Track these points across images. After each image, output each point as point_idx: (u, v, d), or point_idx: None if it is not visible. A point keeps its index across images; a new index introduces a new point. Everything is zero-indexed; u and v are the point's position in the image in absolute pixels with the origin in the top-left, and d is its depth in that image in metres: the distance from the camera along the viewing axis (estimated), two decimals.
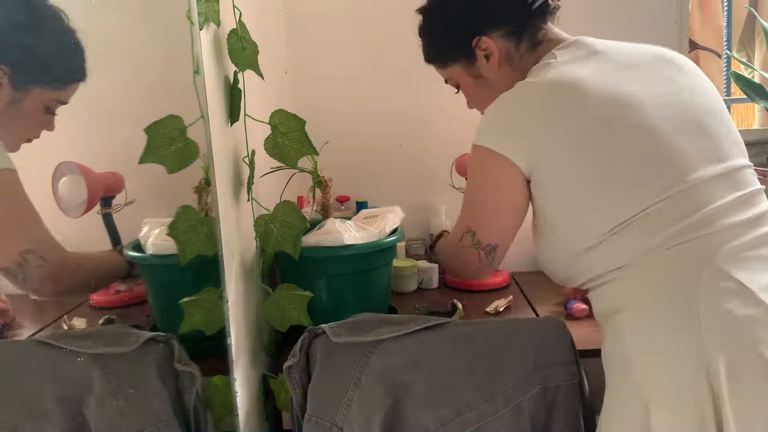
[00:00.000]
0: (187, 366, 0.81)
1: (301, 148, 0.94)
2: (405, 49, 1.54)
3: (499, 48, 0.92)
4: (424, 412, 0.81)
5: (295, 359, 0.85)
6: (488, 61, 0.93)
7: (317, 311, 1.00)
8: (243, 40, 0.88)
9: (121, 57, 0.87)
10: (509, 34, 0.91)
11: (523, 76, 0.87)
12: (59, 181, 0.85)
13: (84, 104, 0.86)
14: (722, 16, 2.59)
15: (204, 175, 0.85)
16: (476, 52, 0.93)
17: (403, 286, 1.38)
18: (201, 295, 0.84)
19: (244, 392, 0.89)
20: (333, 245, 1.01)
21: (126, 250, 0.90)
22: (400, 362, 0.82)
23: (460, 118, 1.55)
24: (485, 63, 0.93)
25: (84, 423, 0.78)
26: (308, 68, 1.54)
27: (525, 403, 0.82)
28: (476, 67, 0.94)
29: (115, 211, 0.89)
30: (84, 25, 0.82)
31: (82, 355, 0.78)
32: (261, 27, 1.17)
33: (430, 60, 1.02)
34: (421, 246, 1.56)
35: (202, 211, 0.84)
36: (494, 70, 0.93)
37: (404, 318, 0.86)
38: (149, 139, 0.77)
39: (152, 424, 0.79)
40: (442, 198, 1.55)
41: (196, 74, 0.77)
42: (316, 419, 0.84)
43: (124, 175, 0.90)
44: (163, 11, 0.85)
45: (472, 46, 0.93)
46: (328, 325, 0.85)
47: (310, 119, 0.95)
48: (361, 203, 1.53)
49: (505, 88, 0.85)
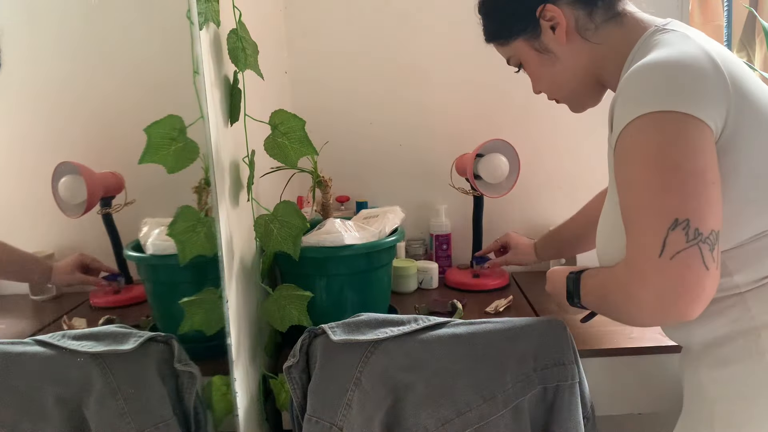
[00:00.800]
0: (187, 366, 0.81)
1: (301, 148, 0.94)
2: (405, 48, 1.55)
3: (567, 18, 0.83)
4: (424, 412, 0.81)
5: (295, 359, 0.85)
6: (554, 32, 0.84)
7: (317, 311, 1.00)
8: (243, 40, 0.88)
9: (121, 57, 0.87)
10: (578, 1, 0.82)
11: (612, 52, 0.80)
12: (59, 181, 0.85)
13: (84, 104, 0.86)
14: (722, 16, 2.59)
15: (204, 175, 0.85)
16: (541, 23, 0.84)
17: (403, 286, 1.38)
18: (201, 295, 0.84)
19: (244, 392, 0.89)
20: (333, 245, 1.01)
21: (126, 251, 0.90)
22: (400, 362, 0.82)
23: (460, 118, 1.56)
24: (551, 35, 0.84)
25: (84, 423, 0.78)
26: (308, 68, 1.54)
27: (525, 403, 0.82)
28: (541, 40, 0.86)
29: (115, 211, 0.89)
30: (84, 25, 0.82)
31: (82, 355, 0.78)
32: (261, 27, 1.17)
33: (490, 38, 0.95)
34: (421, 246, 1.56)
35: (202, 211, 0.84)
36: (562, 42, 0.84)
37: (404, 318, 0.86)
38: (149, 139, 0.77)
39: (152, 424, 0.79)
40: (442, 198, 1.55)
41: (196, 74, 0.77)
42: (316, 419, 0.84)
43: (124, 175, 0.90)
44: (163, 11, 0.85)
45: (536, 16, 0.84)
46: (328, 325, 0.85)
47: (310, 119, 0.95)
48: (361, 203, 1.53)
49: (575, 64, 0.78)
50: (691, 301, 0.62)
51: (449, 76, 1.54)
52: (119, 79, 0.87)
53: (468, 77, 1.53)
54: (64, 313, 0.89)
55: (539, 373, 0.82)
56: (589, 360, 0.94)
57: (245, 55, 0.88)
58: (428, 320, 0.85)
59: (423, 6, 1.51)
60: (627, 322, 0.74)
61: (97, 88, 0.86)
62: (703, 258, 0.62)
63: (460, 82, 1.54)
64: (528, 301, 1.31)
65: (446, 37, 1.52)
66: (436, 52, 1.53)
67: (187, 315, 0.84)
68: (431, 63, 1.53)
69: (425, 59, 1.53)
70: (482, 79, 1.53)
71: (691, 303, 0.62)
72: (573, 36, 0.84)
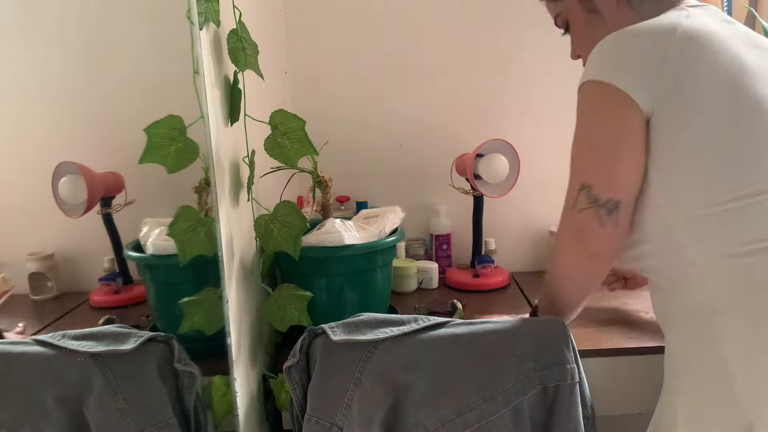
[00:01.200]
0: (187, 366, 0.81)
1: (301, 148, 0.94)
2: (405, 48, 1.55)
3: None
4: (424, 412, 0.81)
5: (295, 359, 0.85)
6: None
7: (317, 311, 1.00)
8: (243, 40, 0.88)
9: (121, 57, 0.87)
10: None
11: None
12: (59, 181, 0.85)
13: (84, 104, 0.86)
14: None
15: (204, 175, 0.85)
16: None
17: (403, 286, 1.39)
18: (201, 295, 0.84)
19: (244, 392, 0.89)
20: (333, 245, 1.01)
21: (126, 251, 0.90)
22: (400, 362, 0.82)
23: (460, 118, 1.56)
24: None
25: (84, 423, 0.78)
26: (308, 68, 1.54)
27: (525, 403, 0.82)
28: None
29: (115, 211, 0.89)
30: (84, 25, 0.82)
31: (82, 355, 0.78)
32: (261, 27, 1.17)
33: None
34: (421, 246, 1.56)
35: (202, 211, 0.84)
36: (612, 5, 0.84)
37: (404, 318, 0.86)
38: (149, 139, 0.77)
39: (152, 424, 0.79)
40: (442, 198, 1.55)
41: (196, 74, 0.77)
42: (316, 419, 0.84)
43: (124, 175, 0.90)
44: (163, 11, 0.85)
45: None
46: (328, 325, 0.85)
47: (310, 119, 0.95)
48: (361, 203, 1.53)
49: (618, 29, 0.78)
50: (594, 244, 0.77)
51: (449, 76, 1.54)
52: (119, 79, 0.87)
53: (468, 77, 1.53)
54: (64, 313, 0.89)
55: (539, 373, 0.82)
56: (589, 360, 0.94)
57: (245, 55, 0.88)
58: (428, 320, 0.85)
59: (423, 6, 1.52)
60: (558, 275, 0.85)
61: (97, 88, 0.86)
62: (600, 218, 0.74)
63: (460, 82, 1.54)
64: (528, 301, 1.31)
65: (446, 36, 1.52)
66: (437, 52, 1.53)
67: (187, 315, 0.84)
68: (431, 63, 1.53)
69: (425, 59, 1.53)
70: (482, 79, 1.53)
71: (594, 245, 0.77)
72: (623, 1, 0.84)
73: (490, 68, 1.53)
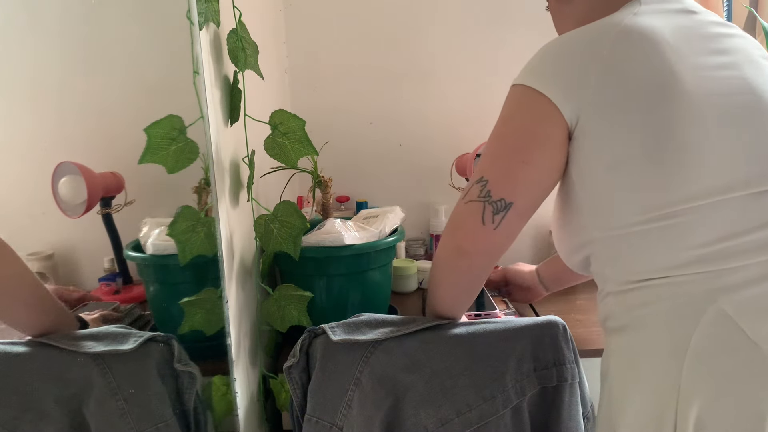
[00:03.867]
0: (187, 366, 0.81)
1: (301, 148, 0.94)
2: (405, 48, 1.55)
3: None
4: (424, 413, 0.81)
5: (295, 359, 0.85)
6: None
7: (317, 311, 1.00)
8: (243, 40, 0.88)
9: (121, 57, 0.87)
10: None
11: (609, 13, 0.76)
12: (59, 181, 0.85)
13: (84, 104, 0.86)
14: (722, 15, 2.59)
15: (204, 175, 0.85)
16: None
17: (403, 286, 1.39)
18: (201, 295, 0.84)
19: (244, 392, 0.89)
20: (333, 245, 1.01)
21: (126, 251, 0.90)
22: (400, 362, 0.82)
23: (460, 118, 1.56)
24: None
25: (84, 423, 0.78)
26: (308, 68, 1.54)
27: (525, 403, 0.82)
28: None
29: (115, 211, 0.89)
30: (84, 25, 0.82)
31: (82, 355, 0.78)
32: (261, 27, 1.17)
33: None
34: (421, 246, 1.56)
35: (202, 211, 0.84)
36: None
37: (404, 318, 0.86)
38: (149, 139, 0.77)
39: (152, 424, 0.79)
40: (442, 198, 1.55)
41: (196, 74, 0.77)
42: (316, 419, 0.84)
43: (124, 175, 0.90)
44: (163, 11, 0.85)
45: None
46: (328, 325, 0.85)
47: (310, 119, 0.95)
48: (361, 203, 1.53)
49: (583, 16, 0.76)
50: (464, 238, 0.76)
51: (449, 76, 1.54)
52: (119, 79, 0.87)
53: (468, 77, 1.53)
54: None
55: (539, 373, 0.82)
56: (589, 360, 0.94)
57: (245, 55, 0.88)
58: (428, 320, 0.85)
59: (423, 6, 1.52)
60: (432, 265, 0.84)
61: (97, 88, 0.86)
62: (483, 213, 0.72)
63: (460, 82, 1.54)
64: None
65: (446, 36, 1.53)
66: (437, 52, 1.53)
67: (187, 315, 0.84)
68: (431, 63, 1.53)
69: (425, 59, 1.53)
70: (482, 79, 1.53)
71: (464, 240, 0.76)
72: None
73: (490, 68, 1.53)
